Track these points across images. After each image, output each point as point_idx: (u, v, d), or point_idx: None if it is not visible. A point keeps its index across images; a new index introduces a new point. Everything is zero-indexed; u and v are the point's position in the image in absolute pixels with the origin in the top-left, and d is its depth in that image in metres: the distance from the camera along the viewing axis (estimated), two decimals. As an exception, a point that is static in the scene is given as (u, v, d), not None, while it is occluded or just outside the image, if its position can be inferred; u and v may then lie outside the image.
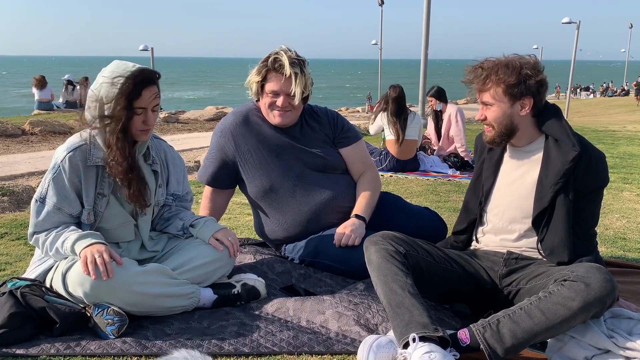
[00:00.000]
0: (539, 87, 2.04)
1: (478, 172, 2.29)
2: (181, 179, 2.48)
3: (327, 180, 2.71)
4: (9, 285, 2.15)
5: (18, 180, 5.34)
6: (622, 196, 4.94)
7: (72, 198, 2.16)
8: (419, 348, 1.72)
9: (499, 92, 2.04)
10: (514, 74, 2.01)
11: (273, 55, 2.60)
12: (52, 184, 2.14)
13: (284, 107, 2.61)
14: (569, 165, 1.99)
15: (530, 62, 2.04)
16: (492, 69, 2.04)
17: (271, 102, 2.62)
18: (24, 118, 10.96)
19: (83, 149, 2.17)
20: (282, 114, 2.64)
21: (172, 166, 2.43)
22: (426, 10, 9.70)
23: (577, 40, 17.48)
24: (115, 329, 1.98)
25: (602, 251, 3.26)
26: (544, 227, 2.05)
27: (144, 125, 2.15)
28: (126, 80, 2.08)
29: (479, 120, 2.11)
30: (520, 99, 2.03)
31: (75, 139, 2.20)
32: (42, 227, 2.15)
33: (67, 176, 2.14)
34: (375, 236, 2.09)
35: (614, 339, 1.79)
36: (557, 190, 2.01)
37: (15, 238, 3.39)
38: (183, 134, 10.60)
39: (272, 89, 2.59)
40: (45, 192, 2.15)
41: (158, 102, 2.19)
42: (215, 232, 2.34)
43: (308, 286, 2.51)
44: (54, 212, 2.14)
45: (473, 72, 2.09)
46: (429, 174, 5.97)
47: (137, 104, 2.11)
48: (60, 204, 2.14)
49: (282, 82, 2.57)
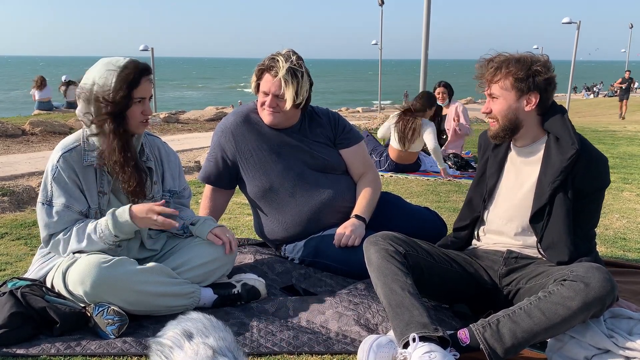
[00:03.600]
0: (547, 84, 2.04)
1: (482, 170, 2.29)
2: (176, 175, 2.47)
3: (327, 180, 2.71)
4: (9, 285, 2.15)
5: (18, 180, 5.35)
6: (622, 196, 4.94)
7: (78, 195, 2.16)
8: (419, 348, 1.72)
9: (506, 84, 2.05)
10: (524, 68, 2.02)
11: (271, 56, 2.61)
12: (54, 185, 2.14)
13: (272, 107, 2.63)
14: (567, 163, 1.98)
15: (541, 60, 2.06)
16: (504, 62, 2.05)
17: (262, 101, 2.66)
18: (24, 118, 10.96)
19: (78, 150, 2.18)
20: (270, 113, 2.65)
21: (166, 162, 2.43)
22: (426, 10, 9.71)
23: (577, 40, 17.48)
24: (115, 328, 1.98)
25: (602, 251, 3.27)
26: (542, 226, 2.06)
27: (142, 115, 2.16)
28: (124, 69, 2.10)
29: (484, 112, 2.13)
30: (527, 93, 2.04)
31: (69, 140, 2.21)
32: (56, 229, 2.15)
33: (66, 174, 2.14)
34: (375, 236, 2.10)
35: (613, 338, 1.79)
36: (556, 189, 2.01)
37: (15, 238, 3.39)
38: (183, 134, 10.60)
39: (262, 88, 2.63)
40: (50, 194, 2.15)
41: (152, 93, 2.21)
42: (214, 229, 2.35)
43: (308, 286, 2.51)
44: (64, 211, 2.14)
45: (484, 65, 2.10)
46: (429, 174, 5.97)
47: (136, 93, 2.12)
48: (68, 202, 2.14)
49: (271, 83, 2.59)
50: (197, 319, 1.56)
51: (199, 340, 1.48)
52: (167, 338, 1.52)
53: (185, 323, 1.55)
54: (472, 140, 7.66)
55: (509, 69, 2.04)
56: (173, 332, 1.53)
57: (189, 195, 2.55)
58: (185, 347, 1.46)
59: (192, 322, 1.55)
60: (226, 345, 1.48)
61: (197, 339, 1.48)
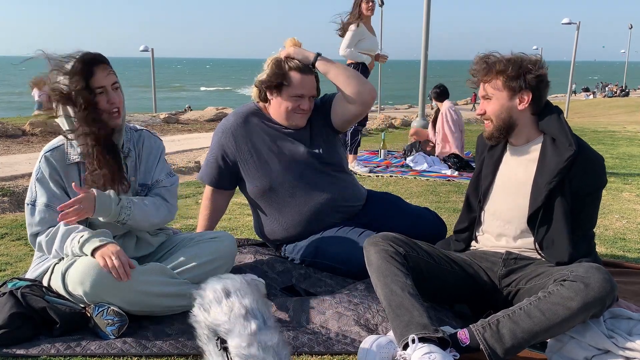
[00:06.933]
0: (539, 82, 2.05)
1: (478, 171, 2.29)
2: (151, 168, 2.37)
3: (327, 180, 2.71)
4: (9, 285, 2.15)
5: (18, 180, 5.35)
6: (621, 197, 4.94)
7: (60, 195, 2.17)
8: (418, 349, 1.72)
9: (498, 84, 2.07)
10: (514, 67, 2.04)
11: (279, 58, 2.62)
12: (37, 185, 2.17)
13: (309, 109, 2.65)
14: (563, 164, 1.99)
15: (532, 59, 2.07)
16: (494, 62, 2.07)
17: (296, 105, 2.62)
18: (24, 119, 10.96)
19: (60, 149, 2.20)
20: (303, 116, 2.67)
21: (145, 155, 2.37)
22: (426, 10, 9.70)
23: (577, 40, 17.48)
24: (115, 329, 1.98)
25: (602, 251, 3.26)
26: (540, 227, 2.06)
27: (109, 105, 2.14)
28: (75, 62, 2.09)
29: (479, 114, 2.14)
30: (519, 92, 2.05)
31: (54, 141, 2.23)
32: (38, 228, 2.16)
33: (48, 175, 2.16)
34: (375, 237, 2.10)
35: (613, 339, 1.79)
36: (552, 190, 2.01)
37: (15, 238, 3.39)
38: (183, 135, 10.60)
39: (296, 92, 2.60)
40: (35, 195, 2.18)
41: (116, 80, 2.17)
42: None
43: (308, 286, 2.52)
44: (46, 211, 2.15)
45: (478, 62, 2.12)
46: (429, 174, 5.98)
47: (94, 82, 2.09)
48: (49, 201, 2.15)
49: (308, 84, 2.61)
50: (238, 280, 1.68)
51: (235, 298, 1.59)
52: (208, 292, 1.64)
53: (225, 281, 1.66)
54: (473, 141, 7.66)
55: (499, 68, 2.05)
56: (214, 287, 1.64)
57: (170, 185, 2.40)
58: (223, 303, 1.59)
59: (232, 281, 1.66)
60: (258, 308, 1.60)
61: (234, 297, 1.60)
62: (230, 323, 1.55)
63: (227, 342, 1.54)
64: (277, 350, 1.53)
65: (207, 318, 1.59)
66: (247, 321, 1.54)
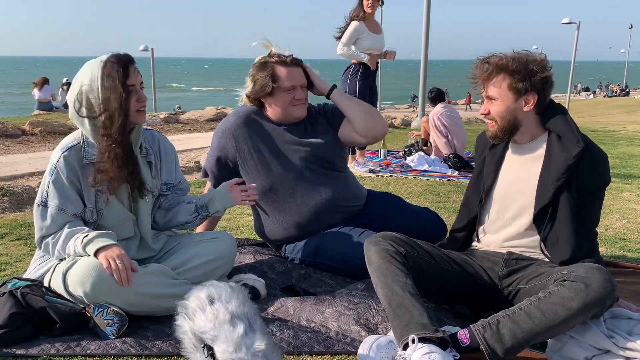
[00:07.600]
0: (544, 84, 2.03)
1: (479, 170, 2.28)
2: (172, 168, 2.45)
3: (327, 179, 2.71)
4: (9, 285, 2.15)
5: (18, 180, 5.35)
6: (622, 196, 4.94)
7: (74, 198, 2.15)
8: (418, 349, 1.72)
9: (503, 86, 2.04)
10: (520, 69, 2.00)
11: (270, 55, 2.64)
12: (51, 186, 2.13)
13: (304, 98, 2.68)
14: (572, 161, 1.97)
15: (537, 59, 2.04)
16: (498, 64, 2.03)
17: (291, 97, 2.65)
18: (24, 118, 10.96)
19: (77, 148, 2.16)
20: (301, 106, 2.69)
21: (164, 156, 2.42)
22: (426, 10, 9.70)
23: (577, 40, 17.47)
24: (115, 329, 1.98)
25: (602, 251, 3.26)
26: (546, 225, 2.05)
27: (139, 103, 2.15)
28: (109, 64, 2.09)
29: (482, 114, 2.11)
30: (524, 94, 2.03)
31: (70, 139, 2.20)
32: (49, 231, 2.14)
33: (65, 176, 2.13)
34: (375, 237, 2.09)
35: (614, 339, 1.79)
36: (559, 187, 2.00)
37: (15, 238, 3.38)
38: (183, 134, 10.60)
39: (287, 84, 2.62)
40: (46, 195, 2.14)
41: (142, 80, 2.20)
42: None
43: (308, 286, 2.51)
44: (58, 213, 2.13)
45: (479, 66, 2.09)
46: (429, 174, 5.97)
47: (128, 82, 2.11)
48: (62, 204, 2.13)
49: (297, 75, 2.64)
50: (221, 286, 1.69)
51: (219, 305, 1.61)
52: (192, 300, 1.66)
53: (209, 288, 1.67)
54: (473, 141, 7.66)
55: (506, 71, 2.02)
56: (198, 295, 1.66)
57: (186, 188, 2.52)
58: (207, 310, 1.60)
59: (216, 288, 1.67)
60: (244, 312, 1.62)
61: (218, 304, 1.61)
62: (216, 329, 1.55)
63: (214, 348, 1.54)
64: (265, 354, 1.53)
65: (192, 327, 1.60)
66: (232, 326, 1.55)
